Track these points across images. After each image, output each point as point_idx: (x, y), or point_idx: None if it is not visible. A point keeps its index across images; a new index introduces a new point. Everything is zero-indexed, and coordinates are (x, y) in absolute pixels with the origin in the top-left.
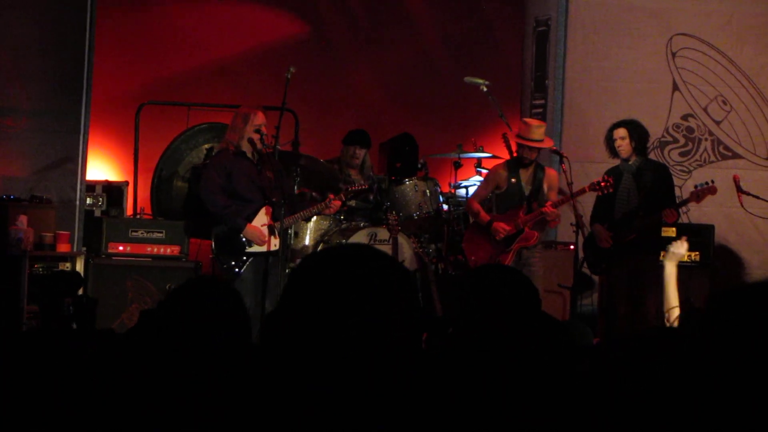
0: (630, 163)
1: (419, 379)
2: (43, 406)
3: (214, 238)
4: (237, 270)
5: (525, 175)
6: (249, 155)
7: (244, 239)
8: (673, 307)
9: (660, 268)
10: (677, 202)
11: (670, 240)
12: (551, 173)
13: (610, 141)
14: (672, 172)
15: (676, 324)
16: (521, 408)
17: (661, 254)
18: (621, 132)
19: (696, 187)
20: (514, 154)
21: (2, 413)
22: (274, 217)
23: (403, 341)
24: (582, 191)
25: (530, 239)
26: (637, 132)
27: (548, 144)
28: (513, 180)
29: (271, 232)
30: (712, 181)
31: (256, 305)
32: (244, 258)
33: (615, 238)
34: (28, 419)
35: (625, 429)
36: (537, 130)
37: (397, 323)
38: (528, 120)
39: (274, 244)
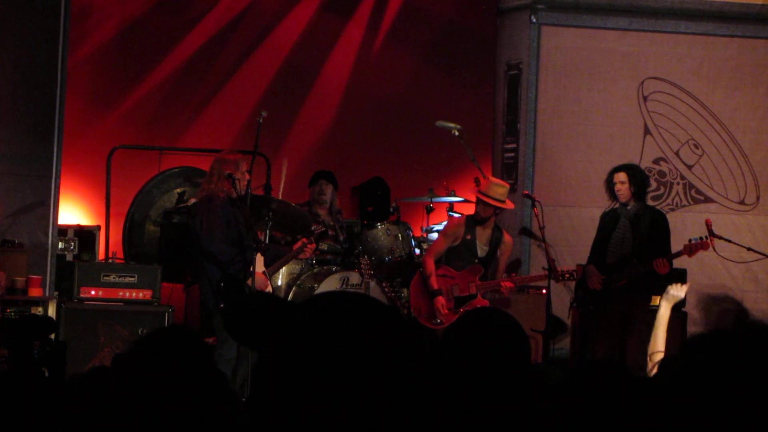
0: (628, 207)
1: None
2: None
3: (219, 288)
4: None
5: (482, 234)
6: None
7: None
8: (658, 351)
9: (647, 314)
10: (671, 252)
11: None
12: (508, 240)
13: (610, 184)
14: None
15: (655, 369)
16: None
17: (653, 298)
18: (621, 176)
19: (690, 240)
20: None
21: None
22: (265, 263)
23: (402, 395)
24: (540, 277)
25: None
26: (637, 177)
27: (508, 206)
28: (468, 237)
29: (267, 277)
30: (707, 237)
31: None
32: None
33: (606, 282)
34: None
35: None
36: (498, 188)
37: (393, 376)
38: (492, 178)
39: (269, 290)
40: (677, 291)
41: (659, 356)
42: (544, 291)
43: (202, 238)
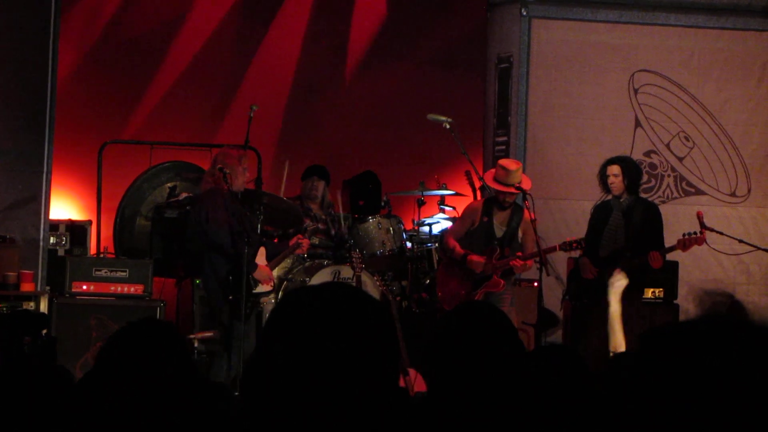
0: (621, 200)
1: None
2: None
3: (227, 280)
4: (248, 311)
5: (500, 216)
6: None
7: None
8: (621, 352)
9: (640, 307)
10: (664, 245)
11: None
12: (527, 218)
13: (603, 177)
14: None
15: None
16: None
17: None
18: (614, 169)
19: (684, 235)
20: (477, 192)
21: None
22: (267, 256)
23: (380, 383)
24: (552, 249)
25: (497, 286)
26: (630, 170)
27: (527, 185)
28: (485, 219)
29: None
30: (701, 232)
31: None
32: (252, 299)
33: (599, 275)
34: None
35: None
36: (515, 174)
37: (374, 364)
38: (504, 163)
39: (273, 283)
40: (619, 280)
41: (623, 350)
42: (536, 284)
43: (209, 231)
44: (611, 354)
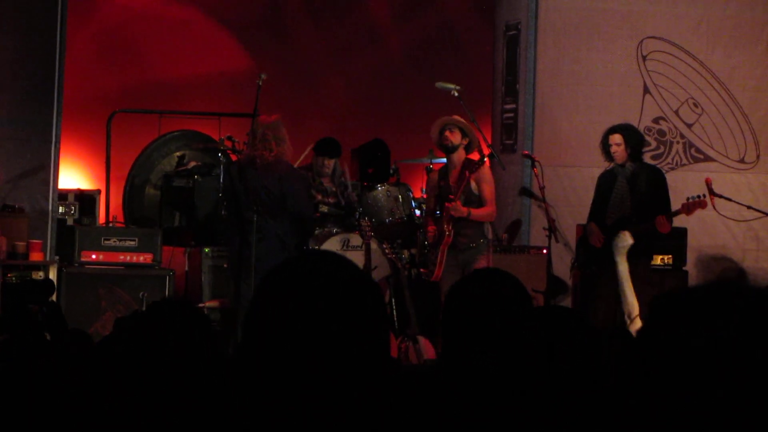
0: (625, 167)
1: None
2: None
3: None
4: None
5: (454, 175)
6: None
7: None
8: (635, 317)
9: (648, 273)
10: (671, 210)
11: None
12: (478, 163)
13: (605, 146)
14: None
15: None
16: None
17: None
18: (616, 138)
19: (688, 199)
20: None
21: None
22: None
23: (371, 352)
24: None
25: (445, 238)
26: (633, 138)
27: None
28: (442, 183)
29: None
30: (704, 195)
31: None
32: None
33: (606, 242)
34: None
35: None
36: (437, 123)
37: (365, 334)
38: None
39: None
40: (624, 240)
41: (638, 323)
42: (545, 251)
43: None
44: (627, 320)
